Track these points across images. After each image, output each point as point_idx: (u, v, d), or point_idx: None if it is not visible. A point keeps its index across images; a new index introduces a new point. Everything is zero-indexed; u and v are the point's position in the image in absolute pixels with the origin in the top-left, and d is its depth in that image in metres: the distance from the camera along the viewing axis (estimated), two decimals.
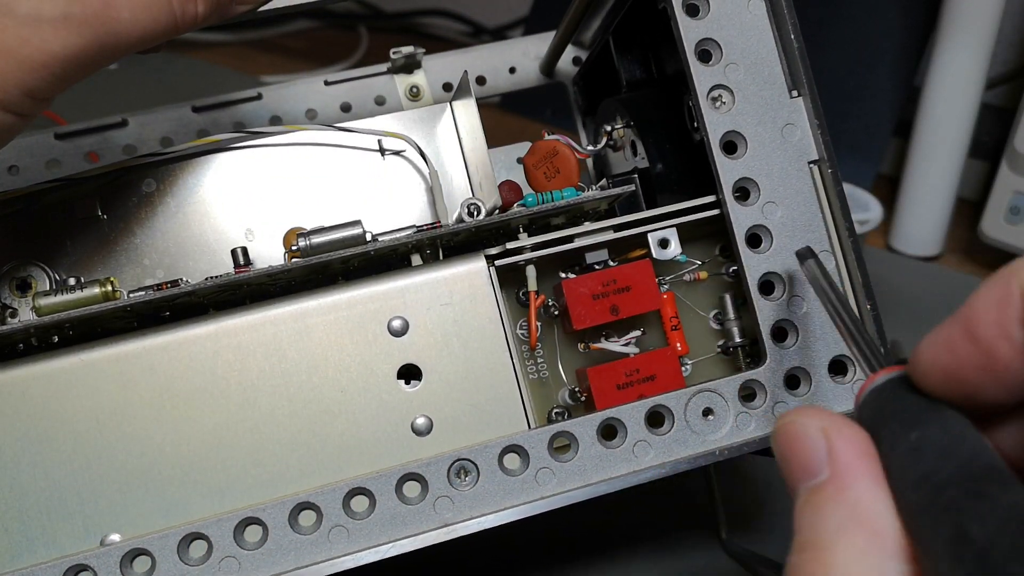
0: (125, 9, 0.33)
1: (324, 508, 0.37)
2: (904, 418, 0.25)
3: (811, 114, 0.41)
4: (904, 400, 0.26)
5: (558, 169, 0.44)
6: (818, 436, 0.26)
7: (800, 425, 0.27)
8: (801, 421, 0.27)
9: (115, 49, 0.34)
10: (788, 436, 0.27)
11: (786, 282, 0.40)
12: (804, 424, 0.27)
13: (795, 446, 0.27)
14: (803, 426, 0.27)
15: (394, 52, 0.58)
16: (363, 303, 0.39)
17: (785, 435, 0.27)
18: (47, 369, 0.37)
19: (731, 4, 0.40)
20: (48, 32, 0.32)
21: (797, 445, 0.27)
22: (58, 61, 0.33)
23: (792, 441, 0.27)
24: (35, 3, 0.32)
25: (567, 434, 0.38)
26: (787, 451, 0.27)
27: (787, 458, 0.27)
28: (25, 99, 0.33)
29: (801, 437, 0.27)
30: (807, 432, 0.27)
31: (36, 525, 0.36)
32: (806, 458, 0.26)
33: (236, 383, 0.37)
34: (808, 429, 0.27)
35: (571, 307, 0.40)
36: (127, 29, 0.34)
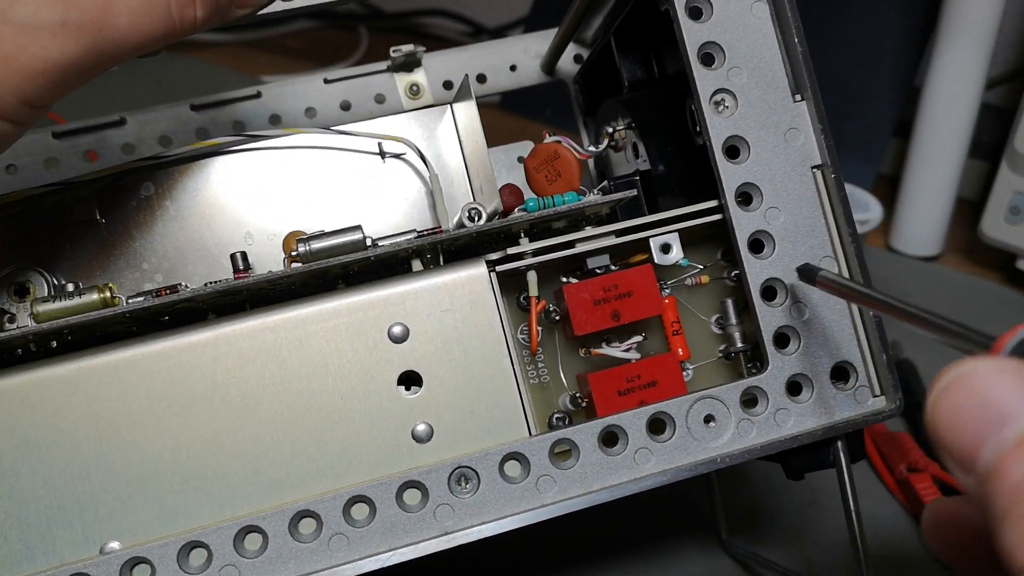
0: (123, 15, 0.33)
1: (324, 516, 0.36)
2: None
3: (814, 118, 0.40)
4: None
5: (559, 172, 0.44)
6: (1011, 378, 0.23)
7: (983, 371, 0.23)
8: (982, 367, 0.23)
9: (113, 55, 0.34)
10: (971, 382, 0.23)
11: (788, 288, 0.40)
12: (987, 369, 0.23)
13: (988, 390, 0.23)
14: (986, 372, 0.23)
15: (394, 50, 0.58)
16: (363, 309, 0.38)
17: (968, 382, 0.23)
18: (46, 376, 0.36)
19: (734, 7, 0.40)
20: (45, 39, 0.32)
21: (988, 391, 0.23)
22: (55, 68, 0.32)
23: (979, 388, 0.23)
24: (32, 9, 0.32)
25: (568, 441, 0.38)
26: (975, 398, 0.23)
27: (976, 406, 0.23)
28: (22, 107, 0.33)
29: (990, 382, 0.23)
30: (995, 377, 0.23)
31: (35, 533, 0.36)
32: (1004, 403, 0.23)
33: (236, 390, 0.37)
34: (994, 374, 0.23)
35: (572, 313, 0.40)
36: (125, 35, 0.33)
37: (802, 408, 0.40)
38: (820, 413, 0.40)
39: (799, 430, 0.40)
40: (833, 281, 0.36)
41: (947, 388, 0.24)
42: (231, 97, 0.60)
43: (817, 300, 0.40)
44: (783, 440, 0.39)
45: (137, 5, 0.33)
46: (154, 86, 0.54)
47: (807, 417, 0.40)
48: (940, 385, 0.24)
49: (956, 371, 0.24)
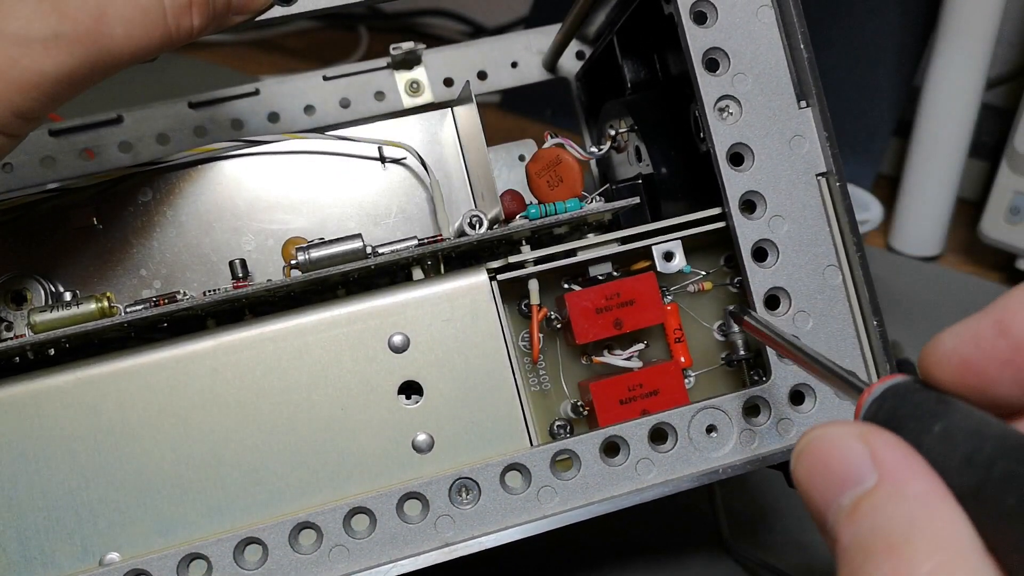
0: (118, 25, 0.32)
1: (324, 527, 0.36)
2: (920, 415, 0.25)
3: (819, 125, 0.40)
4: (913, 400, 0.25)
5: (561, 178, 0.43)
6: (855, 442, 0.25)
7: (833, 435, 0.25)
8: (831, 431, 0.25)
9: (108, 67, 0.33)
10: (820, 448, 0.25)
11: (792, 297, 0.39)
12: (837, 434, 0.25)
13: (831, 455, 0.25)
14: (836, 435, 0.25)
15: (394, 48, 0.58)
16: (363, 319, 0.38)
17: (816, 448, 0.25)
18: (44, 387, 0.36)
19: (740, 12, 0.40)
20: (38, 52, 0.31)
21: (834, 454, 0.25)
22: (49, 81, 0.32)
23: (826, 451, 0.25)
24: (24, 22, 0.31)
25: (569, 451, 0.38)
26: (821, 464, 0.25)
27: (822, 471, 0.25)
28: (15, 120, 0.32)
29: (836, 445, 0.25)
30: (842, 441, 0.25)
31: (34, 545, 0.36)
32: (846, 467, 0.24)
33: (235, 400, 0.37)
34: (843, 438, 0.25)
35: (574, 321, 0.40)
36: (120, 46, 0.33)
37: (805, 418, 0.40)
38: (823, 422, 0.40)
39: None
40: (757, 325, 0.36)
41: (802, 452, 0.26)
42: (229, 95, 0.60)
43: (821, 309, 0.40)
44: (786, 450, 0.39)
45: (132, 15, 0.33)
46: (153, 86, 0.53)
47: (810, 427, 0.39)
48: (798, 447, 0.26)
49: (810, 435, 0.26)
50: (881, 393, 0.26)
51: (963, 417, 0.24)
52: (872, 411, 0.26)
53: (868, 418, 0.27)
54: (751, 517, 0.55)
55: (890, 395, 0.26)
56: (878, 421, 0.26)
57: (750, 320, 0.36)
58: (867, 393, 0.27)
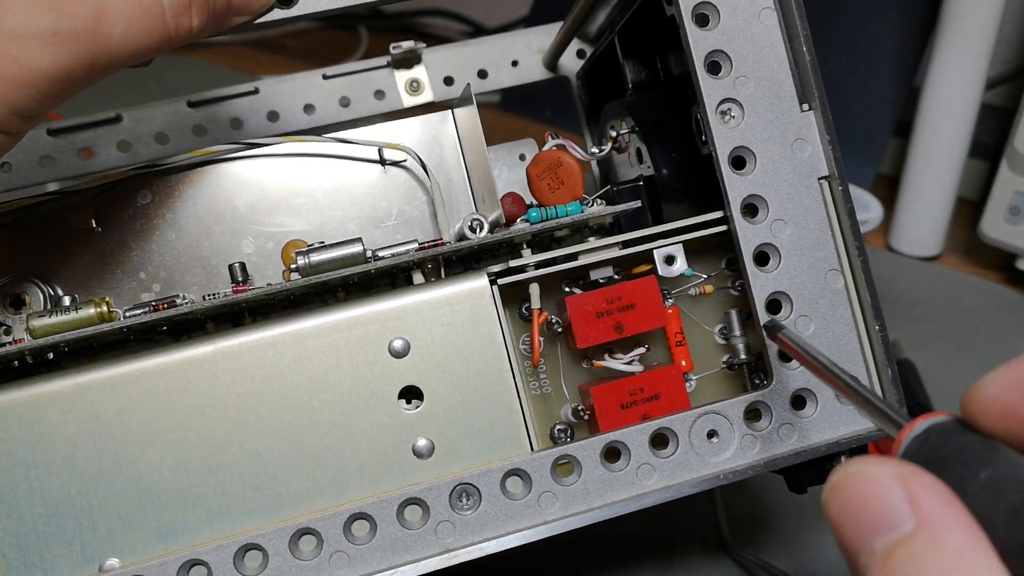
0: (117, 24, 0.32)
1: (325, 533, 0.36)
2: (966, 459, 0.24)
3: (822, 128, 0.40)
4: (958, 442, 0.24)
5: (562, 180, 0.43)
6: (893, 484, 0.23)
7: (870, 474, 0.24)
8: (869, 470, 0.24)
9: (106, 65, 0.33)
10: (856, 486, 0.24)
11: (793, 301, 0.39)
12: (874, 472, 0.24)
13: (867, 496, 0.24)
14: (873, 474, 0.24)
15: (394, 46, 0.57)
16: (363, 324, 0.38)
17: (851, 486, 0.24)
18: (43, 392, 0.36)
19: (742, 15, 0.39)
20: (36, 49, 0.31)
21: (870, 494, 0.24)
22: (46, 79, 0.32)
23: (862, 491, 0.24)
24: (22, 19, 0.31)
25: (570, 457, 0.38)
26: (855, 503, 0.24)
27: (856, 511, 0.24)
28: (12, 117, 0.32)
29: (873, 485, 0.24)
30: (879, 480, 0.24)
31: (34, 551, 0.35)
32: (883, 508, 0.23)
33: (235, 406, 0.37)
34: (879, 477, 0.24)
35: (575, 325, 0.39)
36: (119, 45, 0.33)
37: (806, 423, 0.39)
38: (824, 428, 0.40)
39: (803, 445, 0.39)
40: (792, 341, 0.35)
41: (837, 486, 0.25)
42: (229, 94, 0.59)
43: (823, 314, 0.39)
44: (787, 456, 0.39)
45: (131, 13, 0.32)
46: (152, 86, 0.53)
47: (811, 432, 0.39)
48: (832, 481, 0.25)
49: (848, 469, 0.25)
50: (925, 430, 0.25)
51: (1012, 466, 0.23)
52: (913, 448, 0.25)
53: (908, 455, 0.25)
54: (751, 518, 0.55)
55: (934, 433, 0.25)
56: (918, 460, 0.25)
57: (784, 337, 0.36)
58: (908, 429, 0.26)
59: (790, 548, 0.52)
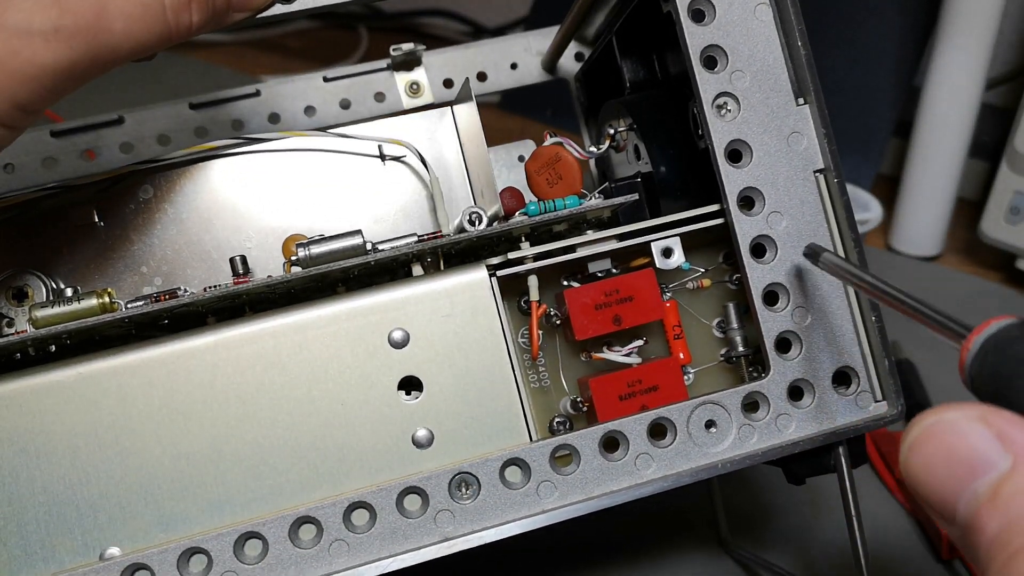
0: (118, 20, 0.33)
1: (324, 522, 0.36)
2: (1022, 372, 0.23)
3: (817, 122, 0.40)
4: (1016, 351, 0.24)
5: (560, 175, 0.43)
6: (978, 426, 0.23)
7: (952, 420, 0.23)
8: (949, 417, 0.23)
9: (107, 61, 0.33)
10: (940, 435, 0.23)
11: (790, 292, 0.40)
12: (956, 418, 0.23)
13: (956, 442, 0.23)
14: (956, 420, 0.23)
15: (394, 48, 0.58)
16: (363, 315, 0.38)
17: (935, 435, 0.23)
18: (45, 382, 0.36)
19: (738, 10, 0.40)
20: (39, 44, 0.32)
21: (958, 440, 0.23)
22: (48, 74, 0.32)
23: (949, 439, 0.23)
24: (25, 14, 0.32)
25: (569, 447, 0.38)
26: (943, 453, 0.23)
27: (945, 460, 0.23)
28: (14, 112, 0.32)
29: (959, 431, 0.23)
30: (962, 426, 0.23)
31: (35, 540, 0.36)
32: (975, 452, 0.23)
33: (235, 396, 0.37)
34: (962, 423, 0.23)
35: (573, 317, 0.40)
36: (120, 40, 0.33)
37: (803, 413, 0.40)
38: (821, 418, 0.40)
39: (800, 435, 0.39)
40: (835, 264, 0.36)
41: (917, 441, 0.24)
42: (230, 95, 0.60)
43: (820, 305, 0.40)
44: (784, 446, 0.39)
45: (132, 10, 0.33)
46: (153, 87, 0.54)
47: (808, 422, 0.40)
48: (910, 438, 0.24)
49: (925, 422, 0.24)
50: (980, 347, 0.25)
51: None
52: (976, 367, 0.25)
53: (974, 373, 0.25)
54: (750, 515, 0.55)
55: (991, 347, 0.24)
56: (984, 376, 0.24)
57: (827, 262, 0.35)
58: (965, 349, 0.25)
59: (790, 546, 0.53)
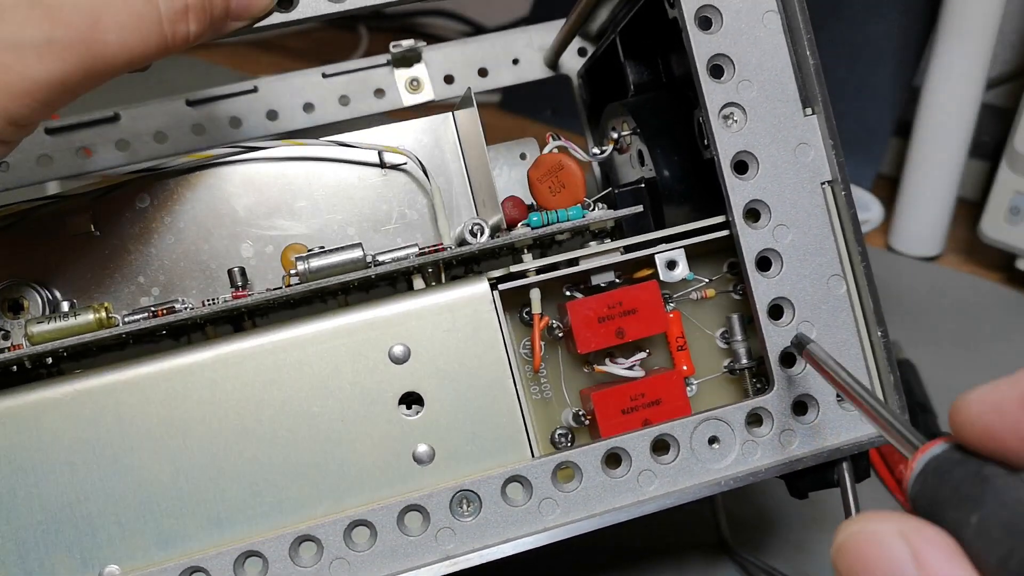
0: (112, 32, 0.32)
1: (325, 540, 0.36)
2: (959, 500, 0.24)
3: (825, 133, 0.40)
4: (951, 480, 0.25)
5: (563, 184, 0.43)
6: (898, 543, 0.24)
7: (873, 534, 0.24)
8: (872, 529, 0.24)
9: (102, 73, 0.32)
10: (861, 546, 0.24)
11: (795, 307, 0.39)
12: (877, 531, 0.24)
13: (873, 557, 0.24)
14: (876, 532, 0.24)
15: (394, 45, 0.57)
16: (364, 330, 0.38)
17: (856, 546, 0.24)
18: (42, 399, 0.36)
19: (745, 18, 0.39)
20: (31, 58, 0.31)
21: (876, 555, 0.24)
22: (41, 88, 0.31)
23: (868, 551, 0.24)
24: (16, 28, 0.31)
25: (570, 463, 0.38)
26: (863, 564, 0.24)
27: (863, 572, 0.24)
28: (7, 127, 0.32)
29: (878, 545, 0.24)
30: (883, 539, 0.24)
31: (33, 558, 0.35)
32: (889, 569, 0.23)
33: (234, 413, 0.37)
34: (883, 536, 0.24)
35: (576, 330, 0.39)
36: (114, 52, 0.32)
37: (807, 429, 0.39)
38: (825, 434, 0.39)
39: (804, 452, 0.39)
40: (819, 359, 0.36)
41: (842, 548, 0.25)
42: (227, 92, 0.59)
43: (825, 320, 0.39)
44: (788, 462, 0.39)
45: (127, 21, 0.32)
46: (150, 84, 0.53)
47: (812, 438, 0.39)
48: (837, 542, 0.25)
49: (851, 528, 0.25)
50: (922, 468, 0.26)
51: (1000, 506, 0.23)
52: (916, 489, 0.26)
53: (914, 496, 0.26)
54: (752, 520, 0.55)
55: (930, 471, 0.26)
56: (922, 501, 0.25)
57: (811, 354, 0.36)
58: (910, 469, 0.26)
59: (792, 551, 0.52)
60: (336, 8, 0.39)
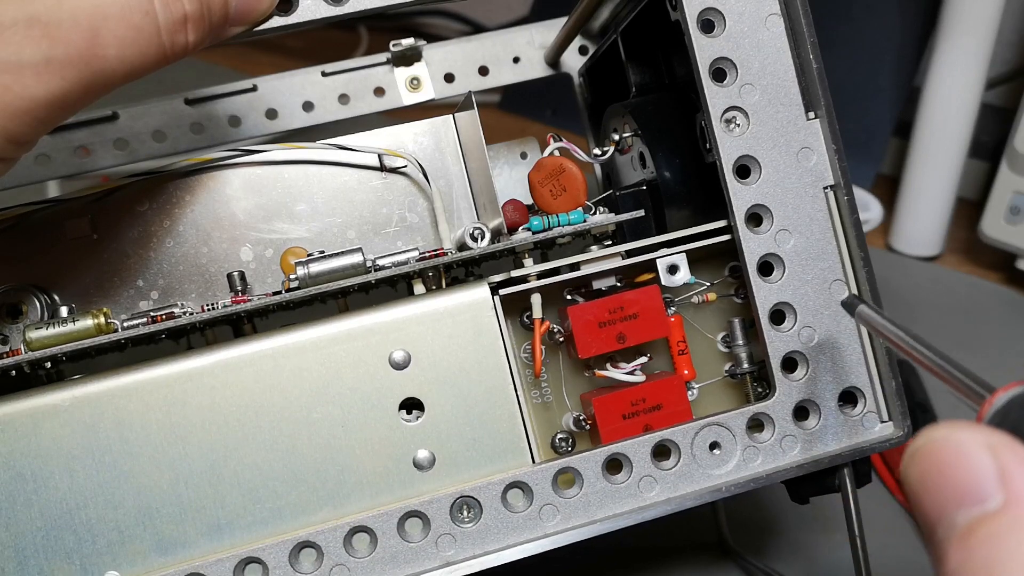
0: (111, 46, 0.32)
1: (325, 547, 0.36)
2: None
3: (828, 137, 0.39)
4: None
5: (564, 187, 0.43)
6: (985, 455, 0.22)
7: (958, 439, 0.22)
8: (958, 436, 0.23)
9: (101, 87, 0.32)
10: (942, 452, 0.22)
11: (797, 312, 0.39)
12: (962, 441, 0.22)
13: (955, 464, 0.22)
14: (962, 440, 0.22)
15: (394, 44, 0.57)
16: (364, 336, 0.37)
17: (937, 452, 0.23)
18: (41, 405, 0.35)
19: (748, 21, 0.39)
20: (30, 77, 0.31)
21: (957, 463, 0.22)
22: (41, 107, 0.31)
23: (949, 458, 0.22)
24: (15, 48, 0.30)
25: (571, 469, 0.38)
26: (939, 470, 0.22)
27: (938, 478, 0.22)
28: (7, 145, 0.32)
29: (962, 454, 0.22)
30: (969, 449, 0.22)
31: (33, 565, 0.35)
32: (968, 480, 0.22)
33: (234, 419, 0.36)
34: (969, 445, 0.22)
35: (577, 335, 0.39)
36: (113, 67, 0.32)
37: (809, 434, 0.39)
38: (827, 439, 0.39)
39: (805, 457, 0.39)
40: (871, 320, 0.35)
41: (920, 452, 0.23)
42: (227, 91, 0.59)
43: (827, 324, 0.39)
44: (789, 468, 0.39)
45: (125, 34, 0.32)
46: (149, 84, 0.52)
47: (813, 443, 0.39)
48: (915, 446, 0.23)
49: (934, 434, 0.23)
50: (1006, 403, 0.24)
51: None
52: (996, 423, 0.24)
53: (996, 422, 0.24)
54: (755, 523, 0.55)
55: (1017, 405, 0.24)
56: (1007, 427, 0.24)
57: (864, 315, 0.35)
58: (988, 404, 0.24)
59: (795, 553, 0.52)
60: (335, 12, 0.39)
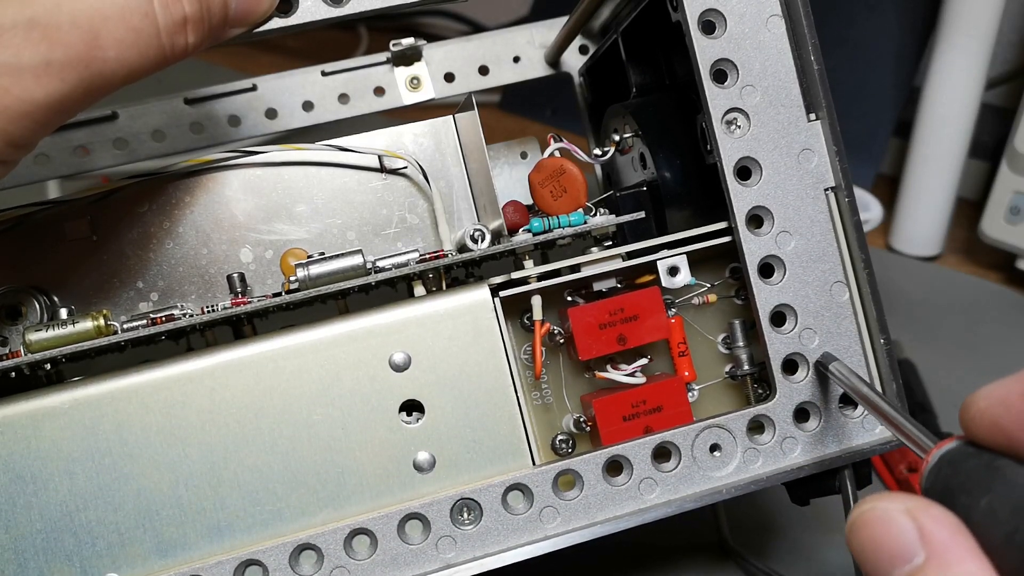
0: (111, 48, 0.32)
1: (325, 549, 0.36)
2: (968, 487, 0.26)
3: (829, 139, 0.40)
4: (963, 469, 0.27)
5: (565, 188, 0.43)
6: (904, 519, 0.26)
7: (882, 511, 0.26)
8: (882, 507, 0.26)
9: (101, 90, 0.32)
10: (871, 524, 0.26)
11: (798, 314, 0.39)
12: (886, 509, 0.26)
13: (882, 533, 0.26)
14: (885, 511, 0.26)
15: (394, 43, 0.57)
16: (364, 338, 0.37)
17: (867, 523, 0.27)
18: (41, 407, 0.35)
19: (749, 22, 0.39)
20: (29, 80, 0.31)
21: (884, 531, 0.26)
22: (40, 109, 0.31)
23: (877, 528, 0.26)
24: (14, 51, 0.30)
25: (571, 471, 0.38)
26: (873, 540, 0.26)
27: (874, 547, 0.26)
28: (7, 148, 0.32)
29: (886, 522, 0.26)
30: (891, 516, 0.26)
31: (33, 567, 0.35)
32: (896, 543, 0.26)
33: (234, 421, 0.36)
34: (891, 513, 0.26)
35: (577, 337, 0.39)
36: (113, 69, 0.32)
37: (809, 436, 0.39)
38: (827, 441, 0.39)
39: (806, 459, 0.39)
40: (843, 378, 0.37)
41: (855, 523, 0.27)
42: (226, 91, 0.59)
43: (828, 327, 0.39)
44: (789, 470, 0.39)
45: (125, 36, 0.32)
46: (148, 83, 0.52)
47: (814, 445, 0.39)
48: (850, 521, 0.27)
49: (863, 507, 0.27)
50: (936, 462, 0.28)
51: (1009, 489, 0.25)
52: (930, 481, 0.28)
53: (926, 490, 0.28)
54: (753, 522, 0.54)
55: (944, 463, 0.27)
56: (936, 488, 0.27)
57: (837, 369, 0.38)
58: (925, 464, 0.28)
59: (795, 554, 0.52)
60: (335, 12, 0.39)
